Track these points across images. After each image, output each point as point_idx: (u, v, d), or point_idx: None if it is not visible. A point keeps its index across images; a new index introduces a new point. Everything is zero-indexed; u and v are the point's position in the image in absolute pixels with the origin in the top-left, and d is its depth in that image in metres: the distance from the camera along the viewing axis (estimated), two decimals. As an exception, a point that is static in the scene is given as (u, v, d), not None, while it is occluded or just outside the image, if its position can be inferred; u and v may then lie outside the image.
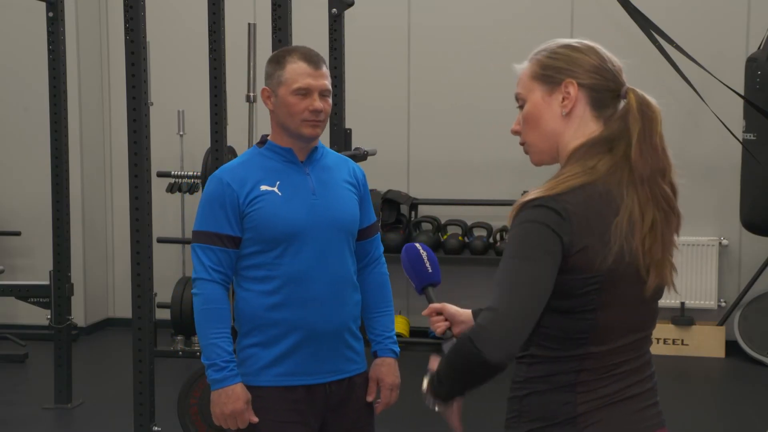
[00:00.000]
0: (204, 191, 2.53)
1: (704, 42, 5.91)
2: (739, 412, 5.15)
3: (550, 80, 1.76)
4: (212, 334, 2.45)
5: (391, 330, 2.71)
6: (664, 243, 1.71)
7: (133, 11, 4.04)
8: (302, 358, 2.49)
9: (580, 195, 1.67)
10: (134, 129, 4.10)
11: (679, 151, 1.82)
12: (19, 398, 5.39)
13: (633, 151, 1.70)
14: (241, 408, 2.44)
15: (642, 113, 1.72)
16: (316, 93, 2.49)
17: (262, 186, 2.48)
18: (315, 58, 2.51)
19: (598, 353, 1.69)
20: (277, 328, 2.48)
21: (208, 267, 2.46)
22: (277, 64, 2.52)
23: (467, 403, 1.84)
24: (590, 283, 1.65)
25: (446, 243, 6.25)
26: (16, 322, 6.63)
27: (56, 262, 5.09)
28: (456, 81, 6.47)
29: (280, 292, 2.48)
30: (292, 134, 2.52)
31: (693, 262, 6.17)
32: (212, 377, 2.45)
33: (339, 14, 4.69)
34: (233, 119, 5.05)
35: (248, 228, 2.47)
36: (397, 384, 2.69)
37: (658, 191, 1.71)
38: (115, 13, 6.51)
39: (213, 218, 2.47)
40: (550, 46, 1.80)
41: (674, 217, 1.74)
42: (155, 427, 4.20)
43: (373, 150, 4.95)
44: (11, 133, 6.77)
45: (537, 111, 1.79)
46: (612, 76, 1.76)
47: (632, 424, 1.72)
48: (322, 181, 2.55)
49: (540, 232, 1.63)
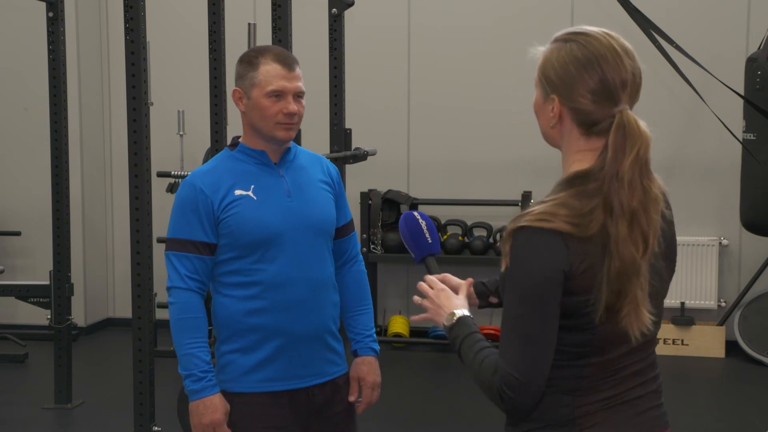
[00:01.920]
0: (176, 197, 2.47)
1: (704, 42, 5.91)
2: (739, 412, 5.15)
3: (543, 88, 1.74)
4: (189, 345, 2.41)
5: (370, 328, 2.67)
6: (621, 287, 1.63)
7: (133, 11, 4.04)
8: (283, 363, 2.45)
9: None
10: (134, 129, 4.10)
11: (679, 151, 1.82)
12: (19, 398, 5.38)
13: (605, 181, 1.63)
14: (220, 419, 2.40)
15: (615, 138, 1.63)
16: (290, 95, 2.43)
17: (236, 190, 2.43)
18: (289, 60, 2.45)
19: (599, 362, 1.69)
20: (257, 333, 2.44)
21: (184, 275, 2.42)
22: (249, 65, 2.46)
23: (467, 403, 1.84)
24: (593, 302, 1.64)
25: (446, 243, 6.25)
26: (16, 322, 6.63)
27: (56, 262, 5.09)
28: (456, 81, 6.47)
29: (258, 298, 2.43)
30: (264, 137, 2.46)
31: (693, 262, 6.17)
32: (190, 388, 2.40)
33: (339, 14, 4.69)
34: (233, 119, 5.04)
35: (224, 234, 2.42)
36: (379, 383, 2.64)
37: (620, 228, 1.61)
38: (115, 13, 6.52)
39: (187, 225, 2.42)
40: (563, 48, 1.71)
41: (647, 249, 1.65)
42: (155, 427, 4.20)
43: (373, 150, 4.95)
44: (11, 133, 6.77)
45: (537, 109, 1.78)
46: (606, 98, 1.67)
47: (632, 427, 1.71)
48: (297, 183, 2.50)
49: (541, 267, 1.61)
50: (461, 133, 6.51)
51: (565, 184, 1.69)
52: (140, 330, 4.14)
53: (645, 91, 1.78)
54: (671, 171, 6.14)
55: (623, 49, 1.70)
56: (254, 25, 4.62)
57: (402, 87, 6.62)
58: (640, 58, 1.75)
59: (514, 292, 1.65)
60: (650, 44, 4.83)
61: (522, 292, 1.63)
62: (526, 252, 1.63)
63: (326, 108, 4.82)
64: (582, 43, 1.69)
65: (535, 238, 1.62)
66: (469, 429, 4.64)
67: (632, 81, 1.69)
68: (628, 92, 1.68)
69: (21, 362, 6.04)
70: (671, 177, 6.16)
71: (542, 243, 1.61)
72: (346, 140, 4.73)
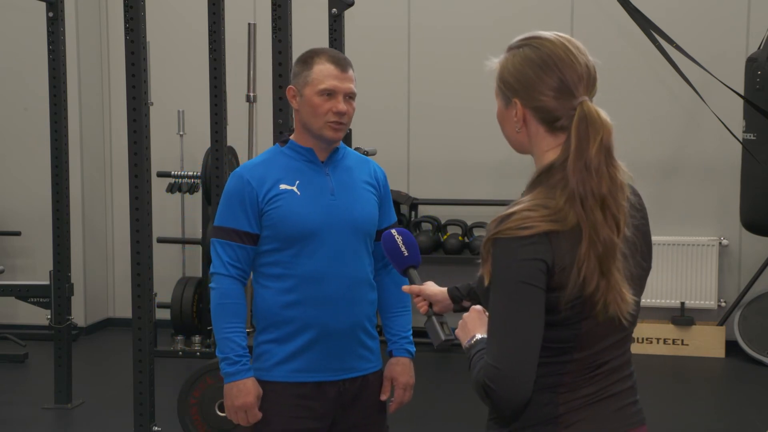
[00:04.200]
0: (225, 187, 2.57)
1: (704, 42, 5.91)
2: (739, 412, 5.15)
3: (504, 95, 1.79)
4: (226, 329, 2.50)
5: (407, 330, 2.73)
6: (602, 271, 1.65)
7: (133, 11, 4.04)
8: (315, 356, 2.53)
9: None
10: (134, 129, 4.10)
11: (679, 151, 1.82)
12: (19, 398, 5.39)
13: (568, 169, 1.67)
14: (251, 402, 2.49)
15: (578, 129, 1.68)
16: (341, 95, 2.51)
17: (281, 185, 2.51)
18: (342, 61, 2.53)
19: (581, 357, 1.70)
20: (292, 325, 2.52)
21: (226, 262, 2.51)
22: (305, 64, 2.54)
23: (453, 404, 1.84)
24: (576, 297, 1.65)
25: (446, 243, 6.25)
26: (16, 322, 6.64)
27: (56, 262, 5.09)
28: (456, 81, 6.47)
29: (295, 291, 2.51)
30: (314, 135, 2.54)
31: (693, 262, 6.17)
32: (225, 371, 2.50)
33: (339, 14, 4.69)
34: (233, 119, 5.05)
35: (266, 226, 2.50)
36: (411, 384, 2.71)
37: (595, 215, 1.64)
38: (115, 13, 6.52)
39: (232, 214, 2.51)
40: (518, 54, 1.76)
41: (615, 244, 1.66)
42: (155, 427, 4.20)
43: (373, 150, 4.96)
44: (11, 133, 6.78)
45: (500, 118, 1.83)
46: (565, 93, 1.72)
47: (613, 422, 1.73)
48: (342, 182, 2.58)
49: (523, 259, 1.63)
50: (461, 133, 6.51)
51: (536, 182, 1.74)
52: (140, 330, 4.14)
53: (645, 91, 1.79)
54: (671, 171, 6.14)
55: (574, 47, 1.75)
56: (254, 25, 4.62)
57: (402, 87, 6.62)
58: (639, 58, 1.77)
59: (496, 289, 1.66)
60: (650, 44, 4.83)
61: (504, 285, 1.65)
62: (508, 258, 1.65)
63: (326, 108, 4.81)
64: (535, 46, 1.75)
65: (515, 244, 1.64)
66: (469, 429, 4.64)
67: (587, 74, 1.74)
68: (584, 85, 1.73)
69: (21, 362, 6.04)
70: (671, 177, 6.16)
71: (524, 244, 1.64)
72: (346, 140, 4.73)
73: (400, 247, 2.22)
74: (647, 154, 6.07)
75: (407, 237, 2.25)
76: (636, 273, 1.74)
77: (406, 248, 2.23)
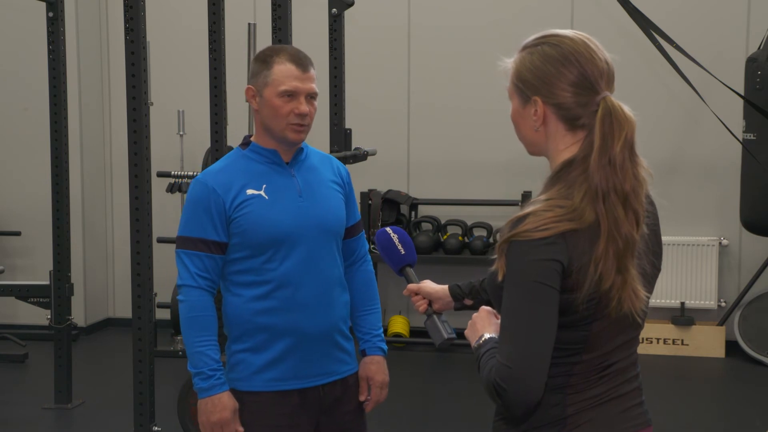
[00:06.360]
0: (188, 195, 2.47)
1: (704, 42, 5.91)
2: (739, 412, 5.15)
3: (522, 94, 1.75)
4: (198, 343, 2.42)
5: (378, 328, 2.68)
6: (619, 268, 1.64)
7: (133, 11, 4.04)
8: (294, 363, 2.46)
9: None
10: (134, 129, 4.10)
11: (679, 151, 1.82)
12: (19, 398, 5.39)
13: (590, 165, 1.65)
14: (228, 417, 2.41)
15: (603, 124, 1.66)
16: (302, 96, 2.43)
17: (248, 190, 2.43)
18: (303, 60, 2.44)
19: (589, 359, 1.70)
20: (267, 332, 2.45)
21: (194, 274, 2.42)
22: (264, 63, 2.45)
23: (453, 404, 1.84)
24: (591, 298, 1.64)
25: (446, 243, 6.25)
26: (16, 322, 6.63)
27: (56, 262, 5.09)
28: (456, 81, 6.48)
29: (268, 298, 2.44)
30: (275, 137, 2.46)
31: (693, 262, 6.17)
32: (199, 386, 2.42)
33: (339, 14, 4.69)
34: (233, 119, 5.05)
35: (235, 233, 2.42)
36: (387, 382, 2.66)
37: (617, 211, 1.63)
38: (115, 13, 6.52)
39: (198, 224, 2.42)
40: (536, 52, 1.74)
41: (633, 243, 1.65)
42: (155, 427, 4.20)
43: (373, 150, 4.95)
44: (11, 133, 6.78)
45: (516, 118, 1.80)
46: (587, 89, 1.70)
47: (619, 423, 1.72)
48: (308, 182, 2.50)
49: (538, 259, 1.61)
50: (461, 133, 6.51)
51: (554, 178, 1.71)
52: (140, 330, 4.14)
53: (645, 91, 1.79)
54: (671, 171, 6.14)
55: (593, 43, 1.75)
56: (254, 25, 4.62)
57: (402, 87, 6.62)
58: (639, 58, 1.77)
59: (510, 289, 1.64)
60: (650, 44, 4.83)
61: (518, 285, 1.63)
62: (522, 258, 1.63)
63: (326, 108, 4.82)
64: (554, 43, 1.73)
65: (531, 246, 1.62)
66: (469, 429, 4.64)
67: (607, 70, 1.73)
68: (605, 80, 1.72)
69: (21, 362, 6.04)
70: (671, 177, 6.16)
71: (539, 245, 1.62)
72: (346, 140, 4.73)
73: (396, 245, 2.18)
74: (647, 154, 6.01)
75: (402, 235, 2.21)
76: (649, 271, 1.73)
77: (402, 246, 2.18)
